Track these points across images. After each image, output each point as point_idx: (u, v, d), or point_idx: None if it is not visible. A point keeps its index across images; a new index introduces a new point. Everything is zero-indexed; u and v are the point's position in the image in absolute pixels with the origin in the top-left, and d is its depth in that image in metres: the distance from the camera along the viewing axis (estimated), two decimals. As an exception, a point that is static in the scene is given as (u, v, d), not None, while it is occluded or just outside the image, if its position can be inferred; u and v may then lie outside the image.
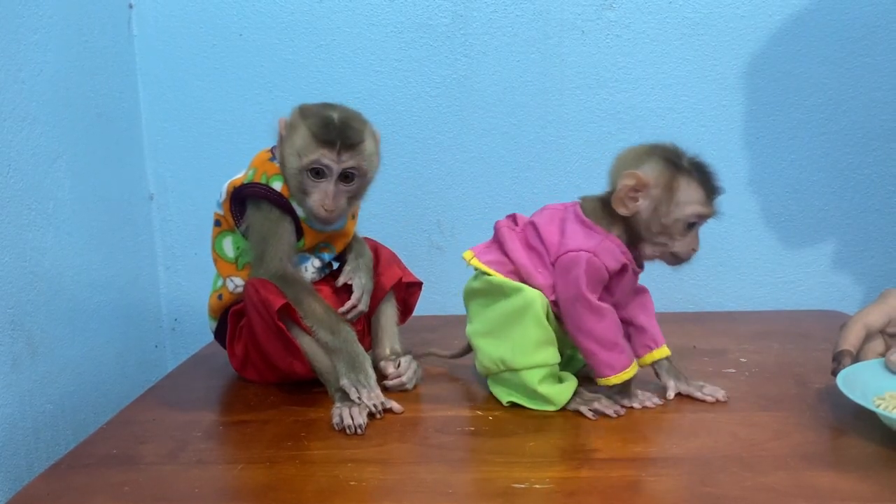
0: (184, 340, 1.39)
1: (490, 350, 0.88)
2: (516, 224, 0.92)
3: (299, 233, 0.94)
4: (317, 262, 0.98)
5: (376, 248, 1.03)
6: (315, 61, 1.31)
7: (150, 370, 1.32)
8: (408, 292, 1.04)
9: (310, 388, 0.96)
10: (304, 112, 0.91)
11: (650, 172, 0.84)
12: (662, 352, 0.92)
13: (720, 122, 1.31)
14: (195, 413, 0.89)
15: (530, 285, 0.86)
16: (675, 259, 0.88)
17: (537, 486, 0.68)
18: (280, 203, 0.92)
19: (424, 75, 1.31)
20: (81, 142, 1.13)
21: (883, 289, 0.90)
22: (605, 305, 0.85)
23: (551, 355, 0.85)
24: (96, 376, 1.13)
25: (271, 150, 0.95)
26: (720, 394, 0.89)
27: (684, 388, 0.90)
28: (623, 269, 0.86)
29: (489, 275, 0.89)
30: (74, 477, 0.73)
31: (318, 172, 0.89)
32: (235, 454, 0.76)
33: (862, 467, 0.71)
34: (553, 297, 0.86)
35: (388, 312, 1.01)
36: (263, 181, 0.92)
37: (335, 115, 0.90)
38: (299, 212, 0.92)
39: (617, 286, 0.88)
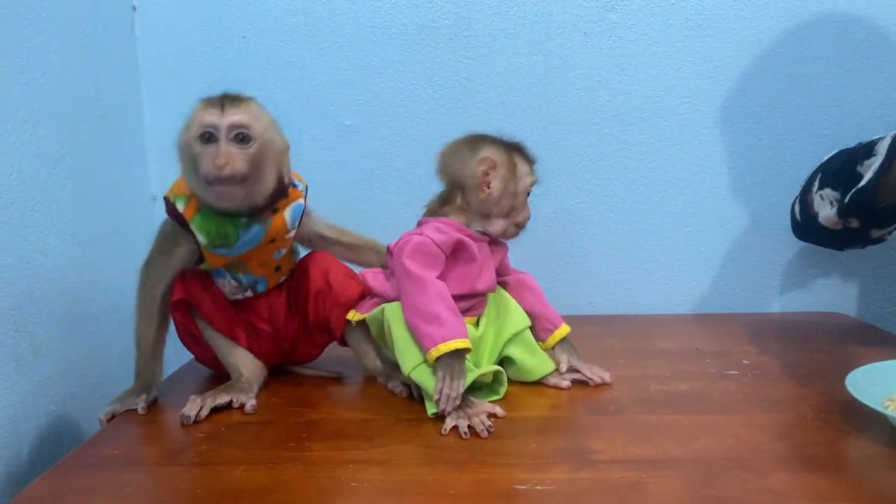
0: (186, 342, 1.38)
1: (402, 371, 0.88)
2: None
3: (201, 258, 0.91)
4: (233, 282, 0.95)
5: (327, 273, 0.98)
6: (318, 63, 1.32)
7: (152, 371, 1.32)
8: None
9: (311, 390, 0.97)
10: None
11: (494, 154, 0.90)
12: (563, 331, 0.97)
13: (722, 124, 1.31)
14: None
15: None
16: (518, 229, 0.95)
17: (538, 487, 0.68)
18: (179, 222, 0.89)
19: (427, 77, 1.31)
20: (84, 143, 1.13)
21: (885, 290, 0.90)
22: (430, 278, 0.86)
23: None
24: (98, 377, 1.13)
25: None
26: (606, 375, 0.95)
27: (575, 363, 0.96)
28: (459, 242, 0.89)
29: (366, 317, 0.93)
30: (77, 478, 0.73)
31: (206, 137, 0.83)
32: (237, 455, 0.76)
33: (865, 470, 0.71)
34: None
35: (358, 333, 0.98)
36: (171, 198, 0.90)
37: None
38: (201, 240, 0.88)
39: (472, 255, 0.90)
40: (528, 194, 0.94)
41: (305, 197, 0.95)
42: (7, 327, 0.92)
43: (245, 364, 0.96)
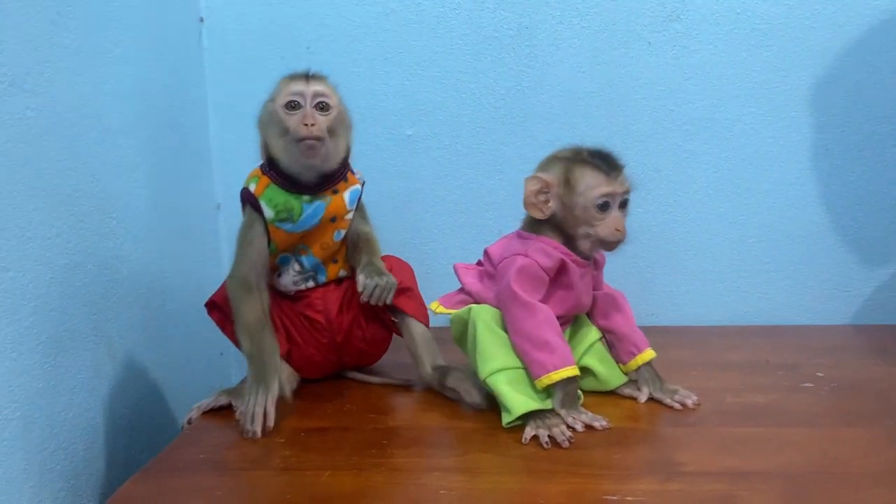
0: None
1: (478, 374, 0.88)
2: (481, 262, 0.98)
3: (269, 241, 0.97)
4: (297, 266, 0.99)
5: (391, 269, 1.00)
6: (381, 74, 1.33)
7: (214, 376, 1.34)
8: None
9: (386, 397, 0.97)
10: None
11: (552, 173, 0.89)
12: (646, 356, 0.94)
13: (789, 134, 1.29)
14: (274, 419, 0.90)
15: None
16: (605, 244, 0.90)
17: (629, 498, 0.67)
18: (250, 200, 0.97)
19: (489, 87, 1.32)
20: (156, 152, 1.15)
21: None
22: (537, 303, 0.86)
23: (510, 358, 0.86)
24: (167, 382, 1.15)
25: None
26: (690, 400, 0.91)
27: (657, 395, 0.93)
28: (562, 265, 0.88)
29: (451, 314, 0.94)
30: (166, 481, 0.74)
31: (292, 104, 0.93)
32: (321, 461, 0.77)
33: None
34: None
35: (415, 330, 1.00)
36: (245, 185, 0.98)
37: None
38: (268, 214, 0.95)
39: (571, 282, 0.89)
40: (606, 206, 0.88)
41: (362, 188, 1.01)
42: (87, 332, 0.94)
43: None
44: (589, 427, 0.83)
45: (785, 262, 1.32)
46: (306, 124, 0.91)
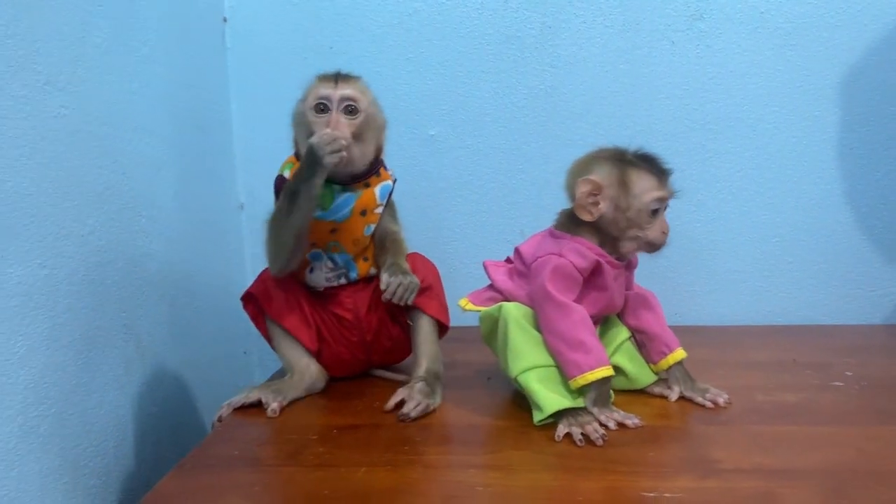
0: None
1: (507, 371, 0.88)
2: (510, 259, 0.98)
3: None
4: (329, 263, 0.99)
5: (414, 268, 0.99)
6: (403, 73, 1.33)
7: (238, 375, 1.35)
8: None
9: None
10: None
11: (601, 175, 0.88)
12: (677, 356, 0.93)
13: (813, 133, 1.29)
14: (304, 417, 0.90)
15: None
16: (651, 246, 0.90)
17: (667, 495, 0.67)
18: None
19: (511, 86, 1.32)
20: (182, 151, 1.16)
21: None
22: (571, 303, 0.86)
23: (541, 356, 0.86)
24: (193, 380, 1.15)
25: None
26: (721, 399, 0.90)
27: (689, 394, 0.92)
28: (597, 266, 0.88)
29: (480, 311, 0.94)
30: (202, 476, 0.74)
31: (320, 107, 0.93)
32: (355, 457, 0.77)
33: None
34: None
35: (424, 329, 0.99)
36: (280, 171, 0.98)
37: None
38: None
39: (605, 283, 0.89)
40: (657, 210, 0.88)
41: (394, 185, 1.01)
42: (118, 329, 0.94)
43: (299, 364, 0.98)
44: (621, 425, 0.83)
45: (809, 262, 1.32)
46: (331, 128, 0.90)
